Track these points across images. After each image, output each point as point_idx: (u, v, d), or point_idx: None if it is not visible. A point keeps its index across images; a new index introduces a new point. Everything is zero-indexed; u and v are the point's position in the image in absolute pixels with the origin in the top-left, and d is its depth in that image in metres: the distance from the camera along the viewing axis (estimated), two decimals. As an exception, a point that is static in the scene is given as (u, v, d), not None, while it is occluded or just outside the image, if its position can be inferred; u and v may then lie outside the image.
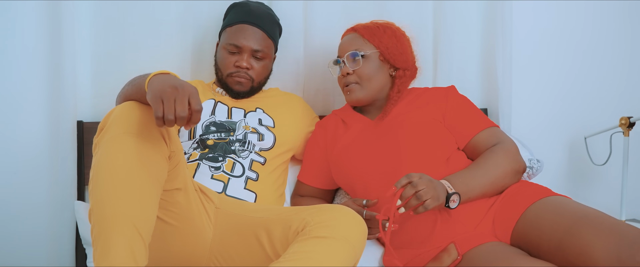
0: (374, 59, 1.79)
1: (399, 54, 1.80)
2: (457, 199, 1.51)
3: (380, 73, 1.80)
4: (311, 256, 1.24)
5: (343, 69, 1.79)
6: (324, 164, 1.85)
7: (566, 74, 2.36)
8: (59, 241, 1.89)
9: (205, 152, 1.75)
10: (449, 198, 1.49)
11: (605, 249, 1.28)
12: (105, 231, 1.17)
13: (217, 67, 1.88)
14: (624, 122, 2.14)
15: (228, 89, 1.87)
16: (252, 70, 1.84)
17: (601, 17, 2.37)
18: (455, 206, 1.51)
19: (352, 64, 1.78)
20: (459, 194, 1.51)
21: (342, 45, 1.83)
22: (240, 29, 1.83)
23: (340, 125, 1.85)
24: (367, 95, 1.79)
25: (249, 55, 1.83)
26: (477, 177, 1.58)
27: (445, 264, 1.45)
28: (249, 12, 1.85)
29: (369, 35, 1.80)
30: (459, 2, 2.17)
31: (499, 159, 1.62)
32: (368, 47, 1.79)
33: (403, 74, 1.81)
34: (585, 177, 2.42)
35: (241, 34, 1.82)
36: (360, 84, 1.78)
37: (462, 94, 1.84)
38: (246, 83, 1.85)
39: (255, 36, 1.83)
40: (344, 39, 1.85)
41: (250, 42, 1.82)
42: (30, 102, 1.88)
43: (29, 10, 1.86)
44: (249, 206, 1.56)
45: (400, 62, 1.81)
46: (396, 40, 1.81)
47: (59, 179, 1.87)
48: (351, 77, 1.78)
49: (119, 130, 1.24)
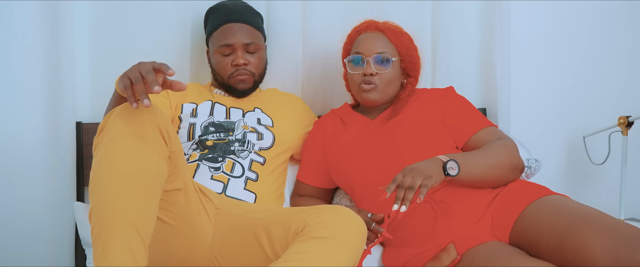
0: (397, 66, 1.79)
1: (415, 63, 1.83)
2: (454, 165, 1.50)
3: (398, 80, 1.81)
4: (311, 257, 1.24)
5: (366, 68, 1.76)
6: (323, 163, 1.85)
7: (564, 74, 2.37)
8: (58, 242, 1.89)
9: (204, 153, 1.75)
10: (446, 166, 1.49)
11: (604, 248, 1.29)
12: (105, 231, 1.17)
13: (216, 73, 1.88)
14: (623, 122, 2.14)
15: (233, 91, 1.88)
16: (250, 65, 1.85)
17: (599, 16, 2.37)
18: (456, 173, 1.50)
19: (379, 67, 1.76)
20: (456, 161, 1.51)
21: (368, 44, 1.77)
22: (226, 29, 1.84)
23: (339, 125, 1.86)
24: (382, 99, 1.79)
25: (242, 51, 1.84)
26: (477, 158, 1.58)
27: (444, 264, 1.45)
28: (228, 11, 1.86)
29: (395, 40, 1.79)
30: (458, 2, 2.17)
31: (499, 149, 1.63)
32: (394, 52, 1.78)
33: (412, 81, 1.84)
34: (584, 177, 2.42)
35: (229, 33, 1.83)
36: (379, 87, 1.77)
37: (460, 95, 1.84)
38: (248, 79, 1.85)
39: (243, 31, 1.84)
40: (368, 36, 1.79)
41: (239, 38, 1.83)
42: (29, 102, 1.88)
43: (27, 10, 1.85)
44: (248, 206, 1.56)
45: (414, 71, 1.84)
46: (414, 49, 1.83)
47: (58, 180, 1.87)
48: (375, 79, 1.76)
49: (119, 131, 1.24)
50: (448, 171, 1.49)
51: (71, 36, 1.87)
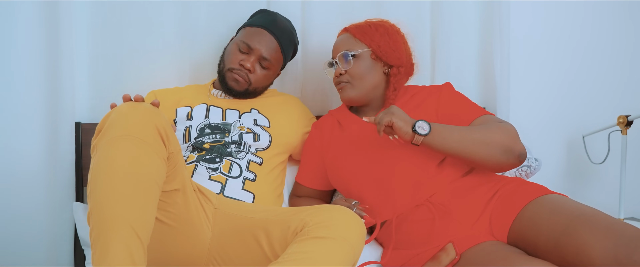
0: (365, 58, 1.79)
1: (391, 51, 1.79)
2: (425, 125, 1.53)
3: (372, 72, 1.79)
4: (310, 256, 1.24)
5: (336, 69, 1.80)
6: (321, 165, 1.85)
7: (564, 73, 2.37)
8: (57, 242, 1.89)
9: (202, 154, 1.75)
10: (415, 125, 1.52)
11: (602, 248, 1.28)
12: (103, 232, 1.17)
13: (222, 59, 1.88)
14: (622, 121, 2.15)
15: (223, 83, 1.87)
16: (253, 74, 1.84)
17: (599, 16, 2.38)
18: (425, 133, 1.53)
19: (344, 64, 1.78)
20: (428, 123, 1.54)
21: (336, 46, 1.84)
22: (258, 32, 1.84)
23: (336, 127, 1.85)
24: (359, 94, 1.78)
25: (255, 59, 1.83)
26: (460, 129, 1.59)
27: (443, 264, 1.45)
28: (273, 21, 1.86)
29: (360, 35, 1.80)
30: (457, 2, 2.17)
31: (491, 128, 1.61)
32: (359, 46, 1.79)
33: (397, 71, 1.80)
34: (583, 176, 2.42)
35: (257, 37, 1.83)
36: (352, 83, 1.78)
37: (457, 91, 1.83)
38: (242, 83, 1.84)
39: (269, 45, 1.83)
40: (337, 40, 1.85)
41: (262, 47, 1.82)
42: (28, 103, 1.87)
43: (26, 11, 1.85)
44: (247, 206, 1.56)
45: (394, 59, 1.79)
46: (388, 37, 1.80)
47: (57, 181, 1.87)
48: (343, 77, 1.79)
49: (117, 132, 1.24)
50: (416, 128, 1.52)
51: (70, 37, 1.87)
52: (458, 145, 1.56)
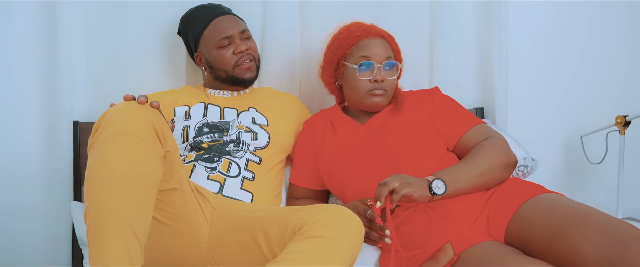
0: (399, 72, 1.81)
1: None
2: (440, 184, 1.51)
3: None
4: (308, 256, 1.24)
5: (377, 74, 1.75)
6: (314, 165, 1.84)
7: (562, 73, 2.37)
8: (55, 241, 1.89)
9: (200, 153, 1.74)
10: (431, 186, 1.50)
11: (594, 247, 1.28)
12: (100, 231, 1.17)
13: (218, 69, 1.86)
14: (620, 121, 2.15)
15: (238, 82, 1.87)
16: (251, 50, 1.87)
17: (597, 16, 2.38)
18: (442, 192, 1.51)
19: (388, 73, 1.77)
20: (443, 180, 1.52)
21: (377, 50, 1.76)
22: (217, 23, 1.85)
23: (329, 128, 1.84)
24: (387, 104, 1.81)
25: (239, 39, 1.85)
26: (465, 168, 1.58)
27: (441, 264, 1.45)
28: (210, 9, 1.88)
29: (394, 46, 1.82)
30: (455, 2, 2.17)
31: (487, 152, 1.63)
32: (396, 57, 1.82)
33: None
34: (581, 176, 2.42)
35: (222, 25, 1.84)
36: (388, 93, 1.78)
37: (446, 95, 1.83)
38: (253, 66, 1.87)
39: (233, 21, 1.87)
40: (375, 42, 1.78)
41: (234, 27, 1.85)
42: (26, 102, 1.87)
43: (24, 10, 1.85)
44: (245, 206, 1.56)
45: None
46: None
47: (55, 179, 1.87)
48: (385, 85, 1.76)
49: (114, 131, 1.24)
50: (433, 189, 1.50)
51: (68, 35, 1.87)
52: (467, 186, 1.57)
